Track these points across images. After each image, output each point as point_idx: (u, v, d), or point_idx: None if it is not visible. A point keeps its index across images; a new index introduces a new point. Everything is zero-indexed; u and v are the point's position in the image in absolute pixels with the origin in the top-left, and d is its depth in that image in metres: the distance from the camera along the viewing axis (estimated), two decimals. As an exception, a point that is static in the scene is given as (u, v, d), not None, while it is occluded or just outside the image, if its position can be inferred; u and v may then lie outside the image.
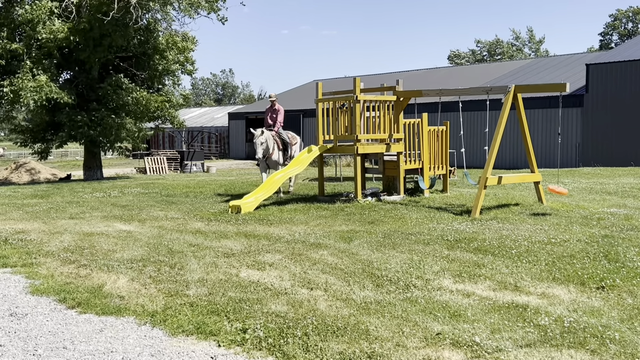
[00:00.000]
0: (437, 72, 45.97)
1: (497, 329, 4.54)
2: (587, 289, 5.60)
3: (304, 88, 52.90)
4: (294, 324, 4.77)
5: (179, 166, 32.78)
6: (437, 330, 4.55)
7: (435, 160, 13.49)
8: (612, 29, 68.30)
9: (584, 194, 13.13)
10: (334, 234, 8.61)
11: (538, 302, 5.23)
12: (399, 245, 7.66)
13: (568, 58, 38.98)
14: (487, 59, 73.81)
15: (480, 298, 5.39)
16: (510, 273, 6.20)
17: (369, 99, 12.59)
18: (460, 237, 8.06)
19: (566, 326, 4.55)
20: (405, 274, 6.21)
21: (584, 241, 7.64)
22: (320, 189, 13.39)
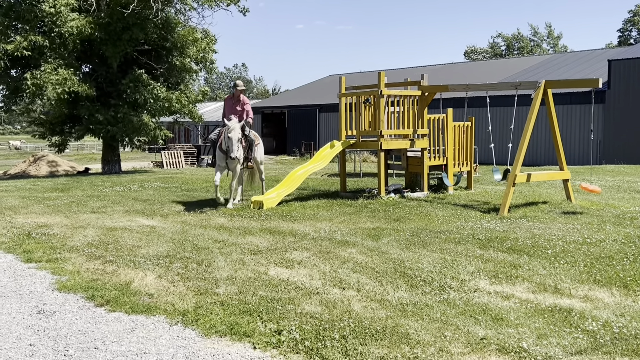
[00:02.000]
0: (456, 67, 45.53)
1: (544, 334, 4.35)
2: (632, 292, 5.39)
3: (319, 83, 52.66)
4: (330, 325, 4.61)
5: (196, 160, 32.74)
6: (480, 334, 4.36)
7: (460, 156, 13.26)
8: (632, 25, 67.30)
9: (612, 192, 12.85)
10: (361, 232, 8.43)
11: (582, 305, 5.03)
12: (429, 244, 7.47)
13: (589, 54, 38.41)
14: (505, 53, 73.07)
15: (521, 301, 5.19)
16: (548, 274, 6.00)
17: (394, 94, 12.39)
18: (491, 236, 7.85)
19: (616, 332, 4.35)
20: (439, 274, 6.03)
21: (620, 241, 7.41)
22: (342, 185, 13.21)
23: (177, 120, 24.24)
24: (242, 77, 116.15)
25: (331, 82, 43.79)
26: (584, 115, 28.24)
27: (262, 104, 54.46)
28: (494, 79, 33.27)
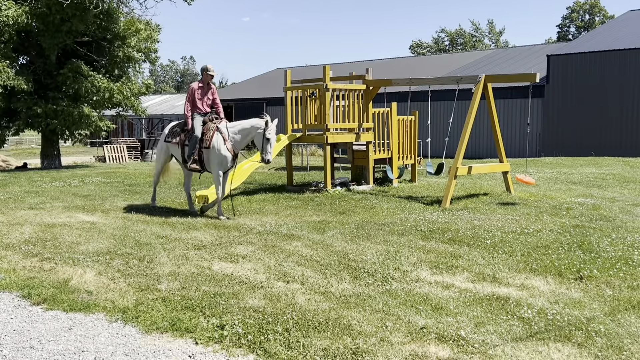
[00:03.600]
0: (401, 62, 46.07)
1: (482, 322, 4.47)
2: (566, 280, 5.59)
3: (266, 76, 52.42)
4: (274, 319, 4.62)
5: (140, 155, 32.12)
6: (420, 324, 4.45)
7: (404, 150, 13.44)
8: (570, 21, 69.54)
9: (549, 183, 13.28)
10: (306, 225, 8.46)
11: (518, 293, 5.19)
12: (374, 236, 7.56)
13: (529, 49, 39.50)
14: (449, 48, 74.36)
15: (460, 290, 5.32)
16: (487, 264, 6.16)
17: (339, 88, 12.45)
18: (433, 228, 8.00)
19: (550, 319, 4.51)
20: (383, 266, 6.11)
21: (557, 231, 7.67)
22: (289, 179, 13.21)
23: (119, 114, 23.68)
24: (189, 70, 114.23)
25: (278, 75, 43.61)
26: (524, 109, 29.06)
27: (208, 97, 53.70)
28: (438, 73, 33.83)
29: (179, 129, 9.96)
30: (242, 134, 9.45)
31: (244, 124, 9.58)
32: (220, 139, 9.41)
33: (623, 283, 5.43)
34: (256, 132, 9.27)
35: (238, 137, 9.45)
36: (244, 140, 9.52)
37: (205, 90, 9.84)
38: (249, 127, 9.40)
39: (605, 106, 28.85)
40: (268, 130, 9.12)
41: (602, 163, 19.40)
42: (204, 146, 9.47)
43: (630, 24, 33.35)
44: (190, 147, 9.53)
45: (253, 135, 9.35)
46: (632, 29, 31.94)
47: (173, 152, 10.07)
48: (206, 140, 9.46)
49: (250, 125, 9.41)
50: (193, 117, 9.65)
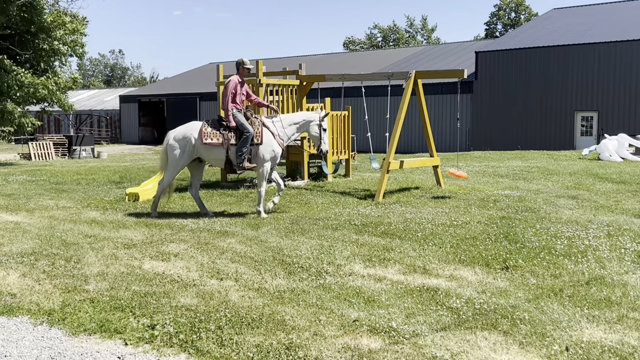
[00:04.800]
0: (335, 58, 46.38)
1: (412, 313, 4.57)
2: (492, 270, 5.78)
3: (199, 71, 51.68)
4: (206, 317, 4.56)
5: (67, 152, 31.04)
6: (353, 317, 4.50)
7: (338, 145, 13.54)
8: (497, 19, 71.73)
9: (478, 177, 13.68)
10: (241, 221, 8.40)
11: (448, 284, 5.32)
12: (308, 231, 7.58)
13: (459, 46, 40.54)
14: (382, 45, 75.36)
15: (392, 282, 5.42)
16: (418, 256, 6.29)
17: (273, 83, 12.41)
18: (367, 222, 8.11)
19: (477, 308, 4.66)
20: (317, 260, 6.15)
21: (484, 223, 7.91)
22: (222, 175, 13.08)
23: (45, 109, 22.81)
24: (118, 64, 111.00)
25: (211, 70, 43.04)
26: (454, 105, 29.81)
27: (139, 92, 52.56)
28: (371, 69, 34.25)
29: (215, 129, 8.97)
30: (294, 128, 9.32)
31: (294, 117, 9.46)
32: (269, 134, 9.06)
33: (546, 272, 5.65)
34: (310, 125, 9.26)
35: (289, 130, 9.28)
36: (295, 134, 9.43)
37: (242, 86, 9.33)
38: (301, 121, 9.32)
39: (530, 101, 29.95)
40: (322, 121, 9.23)
41: (528, 156, 20.16)
42: (255, 143, 8.99)
43: (553, 22, 34.72)
44: (242, 146, 8.83)
45: (306, 128, 9.33)
46: (555, 27, 33.26)
47: (208, 153, 9.03)
48: (257, 136, 8.99)
49: (302, 119, 9.36)
50: (234, 115, 8.98)
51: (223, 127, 8.97)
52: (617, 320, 4.35)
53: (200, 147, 8.94)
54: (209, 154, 9.03)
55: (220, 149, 8.92)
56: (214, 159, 9.14)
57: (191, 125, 9.19)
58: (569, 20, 34.11)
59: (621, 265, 5.80)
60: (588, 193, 10.63)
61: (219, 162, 9.14)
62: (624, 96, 27.96)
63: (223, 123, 9.01)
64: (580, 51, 28.76)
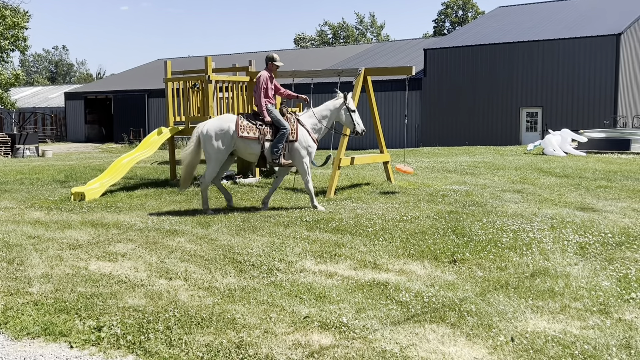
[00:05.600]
0: (286, 54, 46.27)
1: (362, 308, 4.60)
2: (441, 263, 5.88)
3: (147, 67, 50.77)
4: (155, 317, 4.49)
5: (10, 150, 30.04)
6: (304, 313, 4.50)
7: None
8: (445, 16, 72.97)
9: (427, 172, 13.88)
10: (191, 220, 8.29)
11: (397, 278, 5.38)
12: (259, 229, 7.55)
13: (408, 43, 41.03)
14: (332, 42, 75.60)
15: (343, 278, 5.44)
16: (368, 251, 6.34)
17: (222, 79, 12.29)
18: (318, 218, 8.12)
19: (426, 301, 4.73)
20: (268, 258, 6.12)
21: (433, 217, 8.03)
22: (172, 173, 12.89)
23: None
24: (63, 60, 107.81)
25: (160, 67, 42.34)
26: (403, 101, 30.16)
27: (85, 88, 51.28)
28: (321, 66, 34.32)
29: (250, 123, 8.90)
30: (326, 120, 9.26)
31: (323, 110, 9.30)
32: (304, 130, 9.02)
33: (492, 264, 5.78)
34: (339, 111, 9.19)
35: (323, 123, 9.20)
36: (328, 125, 9.32)
37: (271, 81, 9.31)
38: (330, 111, 9.24)
39: (477, 98, 30.56)
40: (347, 102, 9.13)
41: (475, 152, 20.58)
42: (290, 140, 8.94)
43: (499, 20, 35.51)
44: (278, 142, 8.80)
45: (336, 116, 9.24)
46: (501, 25, 34.02)
47: (244, 147, 8.92)
48: (292, 133, 8.93)
49: (330, 109, 9.25)
50: (269, 110, 8.99)
51: (259, 122, 8.91)
52: (560, 311, 4.49)
53: (237, 140, 8.84)
54: (245, 148, 8.93)
55: (255, 143, 8.85)
56: (248, 154, 9.05)
57: (226, 117, 9.10)
58: (514, 18, 34.96)
59: (564, 257, 5.98)
60: (533, 187, 10.92)
61: (253, 156, 9.05)
62: (566, 92, 28.85)
63: (259, 118, 8.96)
64: (525, 49, 29.51)
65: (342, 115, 9.19)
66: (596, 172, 12.98)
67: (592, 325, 4.16)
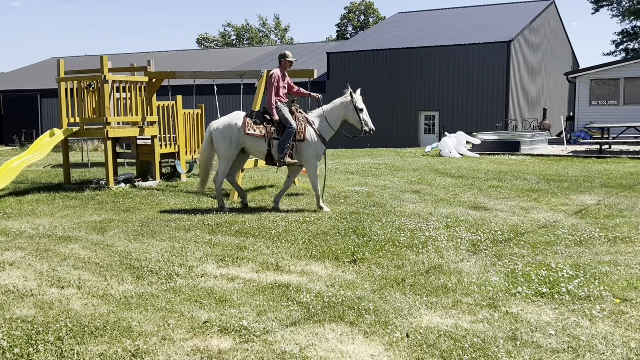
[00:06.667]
0: (188, 55, 45.45)
1: (263, 311, 4.60)
2: (341, 263, 5.98)
3: (40, 66, 48.26)
4: (45, 328, 4.27)
5: None
6: (204, 318, 4.44)
7: (191, 143, 13.30)
8: (347, 21, 74.31)
9: (330, 174, 14.06)
10: (85, 225, 7.97)
11: (299, 279, 5.42)
12: (159, 233, 7.37)
13: (311, 46, 41.44)
14: (236, 43, 75.05)
15: (245, 281, 5.42)
16: (271, 253, 6.35)
17: (119, 79, 11.89)
18: (221, 221, 8.03)
19: (326, 301, 4.79)
20: (167, 263, 5.99)
21: (335, 218, 8.16)
22: (65, 177, 12.32)
23: None
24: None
25: (54, 65, 40.39)
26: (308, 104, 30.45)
27: (-30, 87, 47.97)
28: (225, 67, 34.00)
29: (259, 120, 8.86)
30: (333, 119, 9.00)
31: (333, 110, 9.04)
32: (312, 130, 8.86)
33: (390, 263, 5.95)
34: (345, 109, 8.95)
35: (333, 124, 9.00)
36: (336, 125, 9.06)
37: (284, 78, 9.14)
38: (341, 108, 8.99)
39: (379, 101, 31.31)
40: (354, 100, 8.84)
41: (377, 154, 21.09)
42: (298, 139, 8.78)
43: (398, 25, 36.60)
44: (284, 141, 8.68)
45: (343, 115, 8.97)
46: (400, 30, 35.08)
47: (251, 144, 8.91)
48: (299, 132, 8.78)
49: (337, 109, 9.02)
50: (279, 108, 8.83)
51: (267, 120, 8.83)
52: (452, 306, 4.68)
53: (245, 138, 8.85)
54: (252, 145, 8.92)
55: (262, 141, 8.82)
56: (256, 151, 9.03)
57: (235, 114, 9.10)
58: (412, 24, 36.15)
59: (457, 254, 6.25)
60: (430, 187, 11.33)
61: (260, 154, 8.99)
62: (461, 97, 30.16)
63: (267, 116, 8.87)
64: (423, 54, 30.59)
65: (349, 113, 9.01)
66: (488, 172, 13.66)
67: (481, 319, 4.38)
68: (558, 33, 38.19)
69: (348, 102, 8.91)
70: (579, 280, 5.22)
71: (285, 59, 9.19)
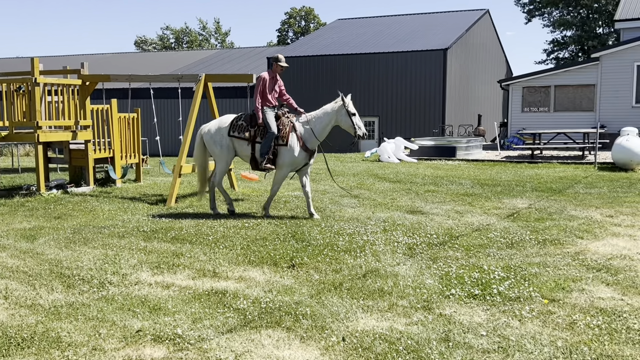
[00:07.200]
0: (125, 57, 44.48)
1: (199, 318, 4.53)
2: (280, 268, 5.96)
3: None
4: (-33, 342, 4.08)
5: None
6: (137, 327, 4.34)
7: (126, 148, 13.01)
8: (288, 26, 74.44)
9: (271, 179, 14.02)
10: (14, 233, 7.66)
11: (236, 286, 5.38)
12: (92, 241, 7.16)
13: (252, 50, 41.30)
14: (175, 46, 73.97)
15: (180, 288, 5.33)
16: (208, 260, 6.27)
17: (51, 82, 11.51)
18: (157, 228, 7.88)
19: (263, 307, 4.76)
20: (100, 271, 5.83)
21: (274, 223, 8.14)
22: (-6, 183, 11.83)
23: None
24: None
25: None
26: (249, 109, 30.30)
27: None
28: (164, 70, 33.49)
29: (245, 123, 8.81)
30: (323, 124, 8.74)
31: (323, 117, 8.77)
32: (295, 137, 8.63)
33: (328, 267, 5.97)
34: (337, 116, 8.68)
35: (321, 130, 8.73)
36: (325, 131, 8.81)
37: (274, 82, 8.97)
38: (331, 114, 8.73)
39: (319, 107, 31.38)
40: (346, 104, 8.59)
41: (318, 159, 21.10)
42: (280, 143, 8.60)
43: (339, 31, 36.92)
44: (265, 145, 8.55)
45: (335, 120, 8.72)
46: (340, 36, 35.40)
47: (238, 147, 8.91)
48: (282, 137, 8.60)
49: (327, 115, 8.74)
50: (264, 112, 8.71)
51: (253, 123, 8.77)
52: (388, 309, 4.74)
53: (233, 140, 8.87)
54: (239, 148, 8.90)
55: (246, 144, 8.78)
56: (242, 154, 8.97)
57: (225, 118, 9.13)
58: (352, 30, 36.54)
59: (394, 258, 6.34)
60: (368, 192, 11.46)
61: (246, 157, 8.92)
62: (400, 103, 30.67)
63: (254, 119, 8.79)
64: (363, 60, 30.95)
65: (341, 118, 8.77)
66: (425, 177, 13.93)
67: (416, 322, 4.45)
68: (492, 42, 39.38)
69: (340, 107, 8.70)
70: (509, 281, 5.39)
71: (277, 63, 8.99)
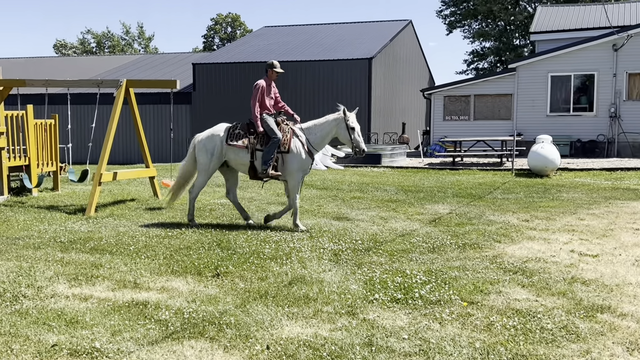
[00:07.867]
0: (43, 62, 42.76)
1: (119, 331, 4.40)
2: (204, 278, 5.87)
3: None
4: None
5: None
6: (52, 341, 4.16)
7: (43, 156, 12.49)
8: (214, 32, 73.71)
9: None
10: None
11: (158, 296, 5.25)
12: (4, 252, 6.82)
13: (177, 56, 40.63)
14: (96, 51, 71.79)
15: (99, 300, 5.15)
16: (129, 270, 6.10)
17: (-40, 86, 10.92)
18: (75, 238, 7.60)
19: (186, 317, 4.67)
20: (13, 284, 5.55)
21: (199, 232, 8.02)
22: None
23: None
24: None
25: None
26: (174, 115, 29.71)
27: None
28: (86, 75, 32.44)
29: (242, 132, 8.54)
30: (322, 134, 8.51)
31: (324, 125, 8.56)
32: (298, 143, 8.43)
33: (254, 275, 5.93)
34: (337, 127, 8.41)
35: (317, 137, 8.50)
36: (325, 141, 8.60)
37: (270, 89, 8.86)
38: (332, 125, 8.48)
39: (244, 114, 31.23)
40: (347, 118, 8.30)
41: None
42: (282, 151, 8.35)
43: (265, 39, 36.91)
44: (268, 152, 8.28)
45: (334, 132, 8.45)
46: (267, 44, 35.41)
47: (234, 156, 8.53)
48: (284, 144, 8.36)
49: (328, 125, 8.52)
50: (264, 119, 8.48)
51: (251, 131, 8.51)
52: (313, 315, 4.75)
53: (227, 149, 8.53)
54: (234, 157, 8.57)
55: (244, 152, 8.48)
56: (239, 164, 8.64)
57: (219, 126, 8.83)
58: (279, 38, 36.60)
59: (320, 264, 6.37)
60: (295, 199, 11.47)
61: (243, 167, 8.62)
62: (327, 111, 30.82)
63: (252, 129, 8.55)
64: (290, 68, 31.02)
65: (341, 131, 8.43)
66: (352, 184, 14.11)
67: (340, 327, 4.48)
68: (415, 52, 40.39)
69: (340, 119, 8.43)
70: (431, 285, 5.52)
71: (272, 69, 8.87)
